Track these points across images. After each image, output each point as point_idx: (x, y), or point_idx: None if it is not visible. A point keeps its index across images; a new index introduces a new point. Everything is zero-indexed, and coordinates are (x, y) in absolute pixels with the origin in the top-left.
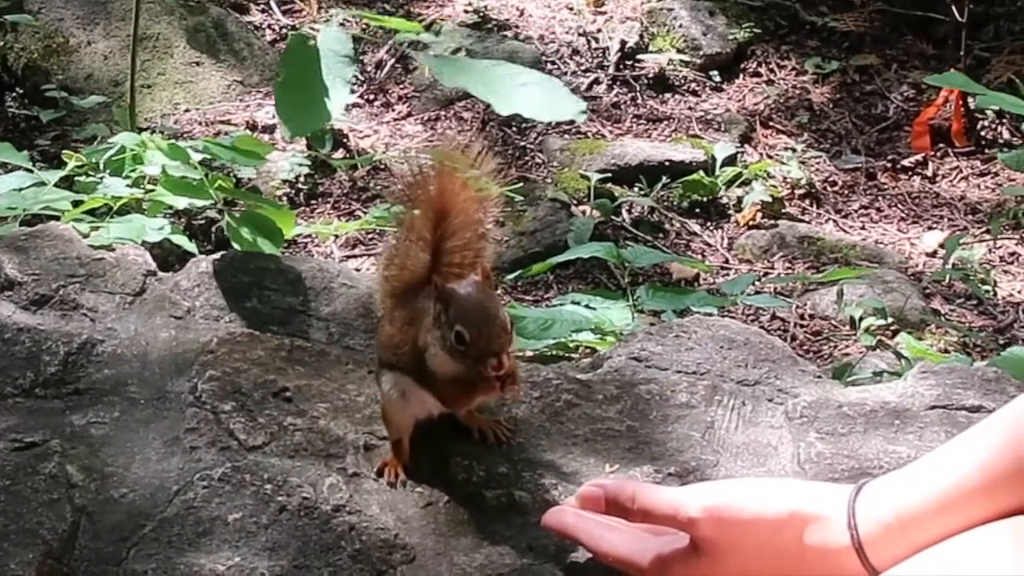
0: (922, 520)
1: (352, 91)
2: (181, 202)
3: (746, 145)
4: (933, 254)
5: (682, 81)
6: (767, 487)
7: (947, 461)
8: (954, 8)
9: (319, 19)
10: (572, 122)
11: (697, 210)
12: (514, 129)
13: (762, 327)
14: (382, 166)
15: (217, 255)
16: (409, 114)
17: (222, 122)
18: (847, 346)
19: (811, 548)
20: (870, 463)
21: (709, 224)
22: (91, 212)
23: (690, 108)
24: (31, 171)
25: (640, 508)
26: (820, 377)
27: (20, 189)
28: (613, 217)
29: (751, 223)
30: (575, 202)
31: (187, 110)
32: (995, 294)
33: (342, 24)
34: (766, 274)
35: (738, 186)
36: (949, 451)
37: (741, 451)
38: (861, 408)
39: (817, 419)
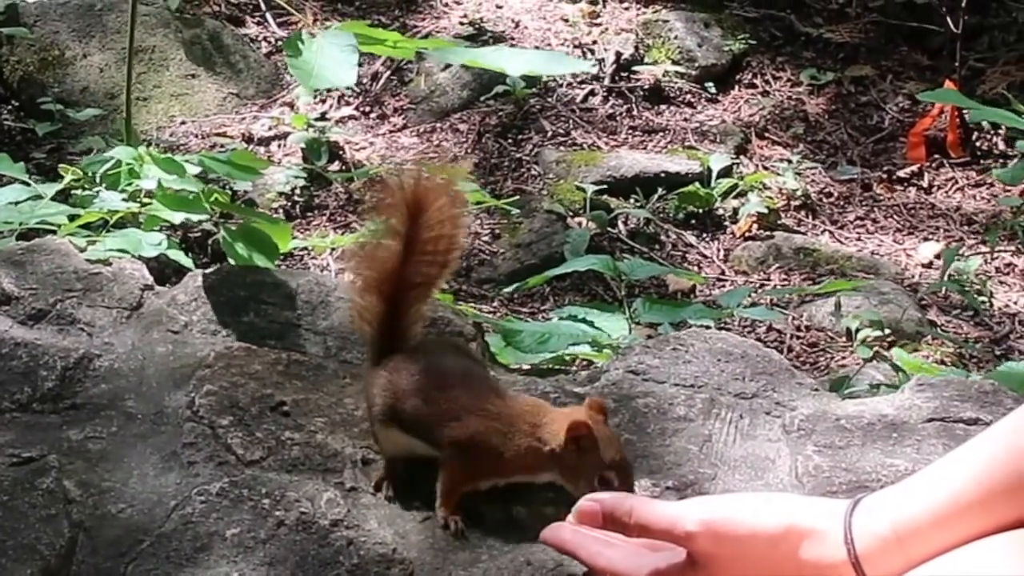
0: (919, 534)
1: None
2: (177, 217)
3: (742, 156)
4: (929, 265)
5: (677, 93)
6: (764, 502)
7: (944, 475)
8: (949, 19)
9: (314, 31)
10: (568, 134)
11: (693, 221)
12: (510, 141)
13: (758, 339)
14: (378, 178)
15: (214, 269)
16: (405, 126)
17: (218, 134)
18: (843, 358)
19: (807, 563)
20: (868, 476)
21: (705, 235)
22: (87, 226)
23: (685, 119)
24: (28, 184)
25: (637, 523)
26: (817, 390)
27: (16, 203)
28: (609, 229)
29: (747, 234)
30: (571, 214)
31: (183, 122)
32: (991, 305)
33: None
34: (762, 285)
35: (734, 197)
36: (946, 465)
37: (739, 464)
38: (858, 421)
39: (815, 432)
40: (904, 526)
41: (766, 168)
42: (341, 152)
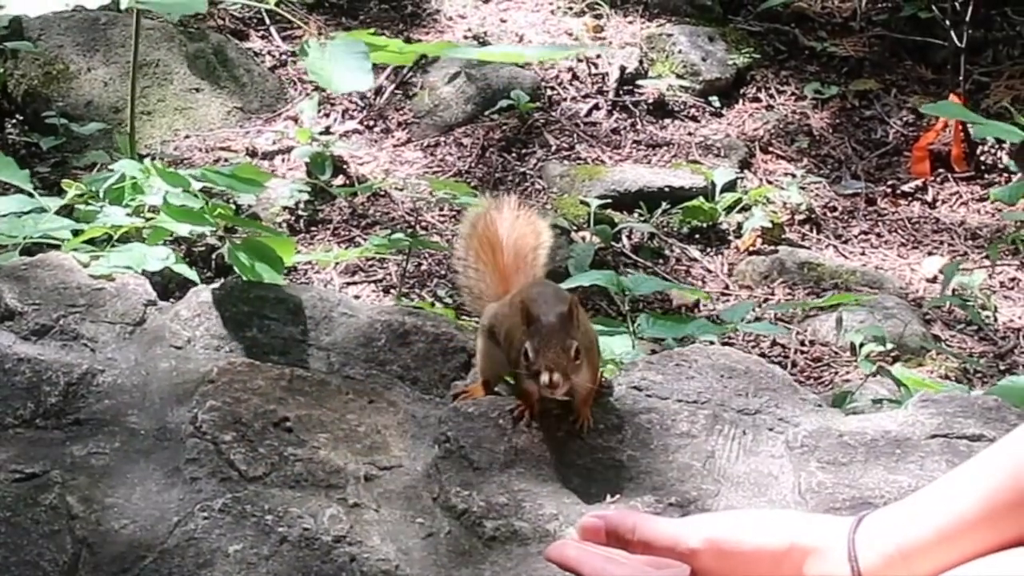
0: (923, 551)
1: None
2: (182, 229)
3: (746, 171)
4: (933, 280)
5: (681, 107)
6: (767, 519)
7: (948, 492)
8: (953, 33)
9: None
10: (572, 148)
11: (697, 236)
12: (514, 155)
13: (762, 354)
14: (382, 193)
15: (217, 284)
16: (409, 140)
17: (222, 148)
18: (847, 372)
19: None
20: (871, 493)
21: (709, 250)
22: (91, 241)
23: (690, 134)
24: (31, 195)
25: (641, 539)
26: (820, 406)
27: (20, 215)
28: (613, 243)
29: (751, 249)
30: (575, 228)
31: (187, 136)
32: (995, 320)
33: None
34: (766, 300)
35: (738, 212)
36: (950, 481)
37: (742, 481)
38: (862, 437)
39: (818, 448)
40: (908, 543)
41: (770, 182)
42: (345, 166)
